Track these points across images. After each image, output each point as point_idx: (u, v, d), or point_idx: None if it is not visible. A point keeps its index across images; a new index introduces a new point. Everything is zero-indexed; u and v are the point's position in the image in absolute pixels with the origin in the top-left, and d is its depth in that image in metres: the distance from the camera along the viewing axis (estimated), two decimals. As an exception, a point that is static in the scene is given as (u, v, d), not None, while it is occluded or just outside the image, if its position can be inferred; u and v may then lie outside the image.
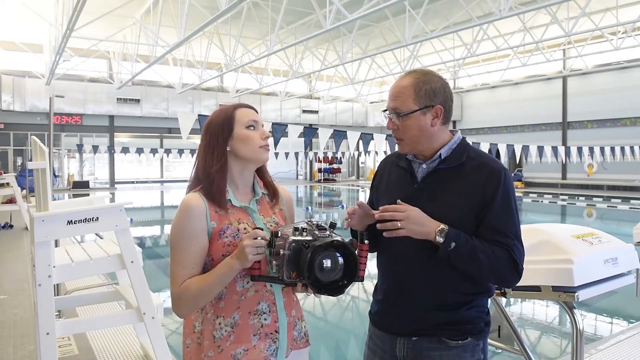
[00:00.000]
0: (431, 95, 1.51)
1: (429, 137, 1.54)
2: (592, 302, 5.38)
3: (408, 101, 1.51)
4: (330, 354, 4.68)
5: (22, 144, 21.79)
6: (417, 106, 1.51)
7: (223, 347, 1.44)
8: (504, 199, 1.48)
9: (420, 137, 1.53)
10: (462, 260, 1.43)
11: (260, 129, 1.56)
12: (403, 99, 1.52)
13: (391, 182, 1.67)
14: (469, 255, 1.42)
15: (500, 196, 1.47)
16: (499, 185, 1.47)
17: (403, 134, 1.54)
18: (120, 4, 14.45)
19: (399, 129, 1.54)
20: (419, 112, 1.51)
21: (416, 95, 1.51)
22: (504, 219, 1.47)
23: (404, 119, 1.52)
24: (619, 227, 12.04)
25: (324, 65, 20.00)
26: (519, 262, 1.46)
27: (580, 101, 22.55)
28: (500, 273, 1.45)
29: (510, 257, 1.44)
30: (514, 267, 1.45)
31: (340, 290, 1.36)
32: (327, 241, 1.33)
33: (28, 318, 4.44)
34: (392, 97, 1.55)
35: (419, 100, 1.51)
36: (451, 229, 1.42)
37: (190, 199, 1.47)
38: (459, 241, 1.41)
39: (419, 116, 1.51)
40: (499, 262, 1.43)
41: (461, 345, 1.50)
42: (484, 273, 1.46)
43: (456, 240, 1.41)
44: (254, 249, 1.34)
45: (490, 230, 1.46)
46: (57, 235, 2.86)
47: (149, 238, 11.47)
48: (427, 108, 1.51)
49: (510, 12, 11.70)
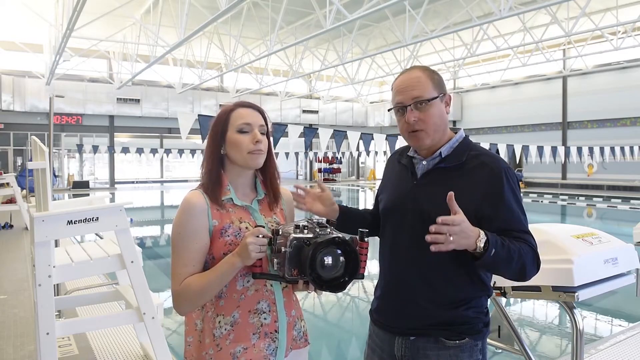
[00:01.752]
0: (441, 84, 1.54)
1: (446, 126, 1.56)
2: (592, 302, 5.38)
3: (429, 88, 1.51)
4: (331, 354, 4.68)
5: (22, 144, 21.81)
6: (437, 93, 1.52)
7: (222, 346, 1.44)
8: (512, 195, 1.47)
9: (440, 125, 1.53)
10: (499, 265, 1.39)
11: (252, 132, 1.50)
12: (423, 88, 1.51)
13: (392, 178, 1.68)
14: (506, 258, 1.37)
15: (508, 193, 1.46)
16: (505, 183, 1.46)
17: (425, 124, 1.51)
18: (120, 4, 14.44)
19: (420, 119, 1.51)
20: (438, 98, 1.52)
21: (433, 83, 1.52)
22: (517, 214, 1.46)
23: (426, 108, 1.50)
24: (619, 227, 12.04)
25: (324, 65, 19.99)
26: (538, 256, 1.45)
27: (580, 101, 22.55)
28: (525, 270, 1.42)
29: (533, 252, 1.43)
30: (537, 262, 1.45)
31: (342, 287, 1.36)
32: (328, 238, 1.33)
33: (28, 318, 4.44)
34: (408, 87, 1.52)
35: (436, 88, 1.52)
36: (491, 236, 1.36)
37: (192, 197, 1.47)
38: (497, 246, 1.36)
39: (439, 103, 1.53)
40: (525, 259, 1.41)
41: (458, 346, 1.50)
42: (512, 272, 1.42)
43: (495, 246, 1.35)
44: (257, 246, 1.34)
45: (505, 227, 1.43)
46: (57, 235, 2.85)
47: (149, 238, 11.47)
48: (442, 95, 1.53)
49: (510, 12, 11.70)
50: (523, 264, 1.41)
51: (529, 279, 1.49)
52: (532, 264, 1.43)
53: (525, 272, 1.43)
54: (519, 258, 1.40)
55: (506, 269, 1.41)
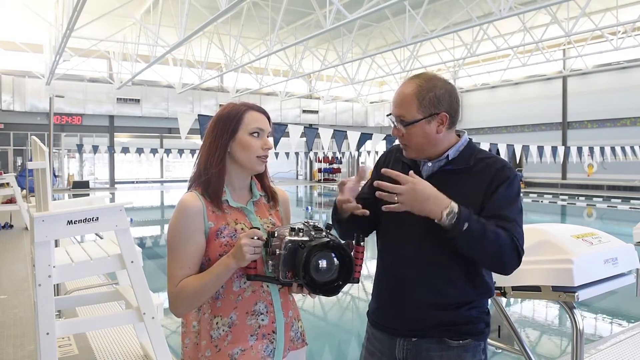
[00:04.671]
0: (435, 103, 1.48)
1: (435, 144, 1.52)
2: (592, 302, 5.38)
3: (412, 110, 1.48)
4: (331, 354, 4.67)
5: (22, 144, 21.82)
6: (422, 115, 1.47)
7: (220, 347, 1.44)
8: (509, 190, 1.46)
9: (426, 145, 1.51)
10: (472, 242, 1.38)
11: (264, 137, 1.53)
12: (407, 108, 1.48)
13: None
14: (480, 237, 1.36)
15: (505, 187, 1.45)
16: (505, 181, 1.46)
17: (408, 141, 1.52)
18: (120, 4, 14.44)
19: (404, 135, 1.52)
20: (423, 120, 1.48)
21: (419, 105, 1.47)
22: (507, 204, 1.45)
23: (408, 128, 1.49)
24: (619, 227, 12.04)
25: (324, 65, 19.98)
26: (520, 247, 1.42)
27: (580, 101, 22.54)
28: (502, 257, 1.41)
29: (512, 241, 1.41)
30: (516, 252, 1.42)
31: (336, 290, 1.37)
32: (323, 242, 1.33)
33: (28, 318, 4.44)
34: (396, 104, 1.52)
35: (422, 109, 1.47)
36: (464, 209, 1.36)
37: (188, 198, 1.47)
38: (471, 221, 1.36)
39: (424, 125, 1.48)
40: (505, 245, 1.39)
41: (462, 346, 1.50)
42: (487, 256, 1.41)
43: (469, 220, 1.35)
44: (252, 248, 1.34)
45: (491, 215, 1.42)
46: (57, 235, 2.86)
47: (149, 238, 11.47)
48: (432, 116, 1.48)
49: (510, 12, 11.70)
50: (500, 248, 1.38)
51: (509, 270, 1.46)
52: (510, 252, 1.40)
53: (503, 258, 1.41)
54: (496, 240, 1.37)
55: (480, 248, 1.39)
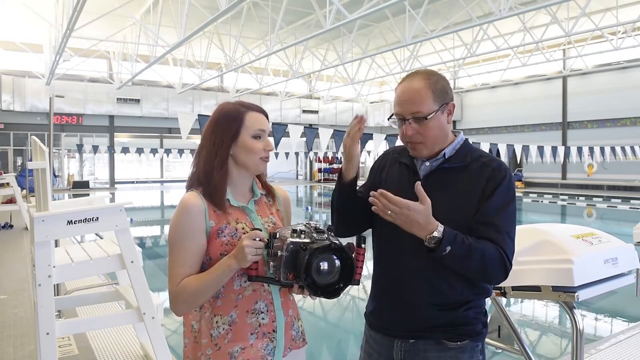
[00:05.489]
0: (444, 93, 1.51)
1: (446, 135, 1.54)
2: (592, 302, 5.38)
3: (428, 102, 1.48)
4: (330, 354, 4.68)
5: (22, 144, 21.82)
6: (437, 106, 1.49)
7: (220, 345, 1.44)
8: (503, 196, 1.46)
9: (440, 137, 1.52)
10: (455, 262, 1.41)
11: (265, 139, 1.54)
12: (421, 102, 1.48)
13: (392, 177, 1.63)
14: (462, 258, 1.39)
15: (500, 192, 1.46)
16: (500, 184, 1.46)
17: (424, 137, 1.50)
18: (120, 4, 14.45)
19: (419, 132, 1.50)
20: (439, 111, 1.49)
21: (434, 95, 1.48)
22: (500, 213, 1.45)
23: (425, 122, 1.48)
24: (619, 227, 12.04)
25: (324, 65, 19.99)
26: (508, 262, 1.43)
27: (580, 101, 22.55)
28: (488, 273, 1.43)
29: (501, 256, 1.41)
30: (503, 267, 1.42)
31: (337, 293, 1.37)
32: (325, 244, 1.33)
33: (28, 318, 4.44)
34: (408, 101, 1.50)
35: (437, 99, 1.49)
36: (448, 232, 1.38)
37: (189, 198, 1.47)
38: (455, 244, 1.38)
39: (439, 116, 1.50)
40: (490, 262, 1.40)
41: (460, 347, 1.50)
42: (472, 272, 1.44)
43: (452, 243, 1.37)
44: (253, 249, 1.34)
45: (483, 222, 1.43)
46: (57, 235, 2.86)
47: (149, 238, 11.48)
48: (444, 106, 1.50)
49: (510, 12, 11.70)
50: (485, 266, 1.40)
51: (495, 283, 1.50)
52: (497, 267, 1.41)
53: (489, 275, 1.43)
54: (481, 260, 1.39)
55: (463, 268, 1.42)
